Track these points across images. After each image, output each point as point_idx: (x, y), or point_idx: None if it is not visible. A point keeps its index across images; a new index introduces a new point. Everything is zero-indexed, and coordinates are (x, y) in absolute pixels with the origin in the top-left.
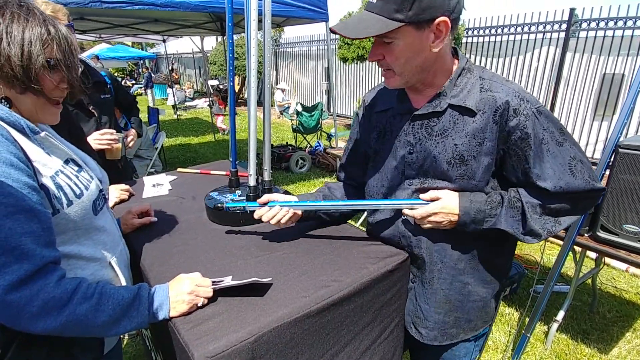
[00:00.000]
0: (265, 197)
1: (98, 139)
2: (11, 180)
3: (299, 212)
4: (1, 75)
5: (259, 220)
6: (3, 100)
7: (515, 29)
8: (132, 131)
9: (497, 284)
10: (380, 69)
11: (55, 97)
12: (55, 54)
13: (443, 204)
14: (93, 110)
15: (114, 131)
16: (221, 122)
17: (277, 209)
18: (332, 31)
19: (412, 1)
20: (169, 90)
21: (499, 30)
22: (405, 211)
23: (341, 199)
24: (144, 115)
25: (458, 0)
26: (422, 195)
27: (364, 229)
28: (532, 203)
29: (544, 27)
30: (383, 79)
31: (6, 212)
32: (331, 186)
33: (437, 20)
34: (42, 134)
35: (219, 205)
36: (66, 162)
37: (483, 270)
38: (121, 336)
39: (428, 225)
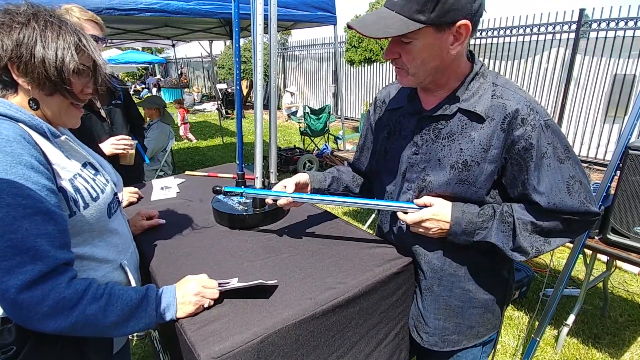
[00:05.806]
0: (281, 185)
1: (115, 143)
2: (31, 183)
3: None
4: (33, 78)
5: (265, 224)
6: (31, 102)
7: (525, 30)
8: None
9: (500, 291)
10: (389, 69)
11: (81, 100)
12: (87, 60)
13: (435, 211)
14: (105, 115)
15: (130, 137)
16: (184, 131)
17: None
18: (349, 27)
19: (435, 3)
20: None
21: (508, 32)
22: (399, 214)
23: (349, 182)
24: None
25: (480, 3)
26: (416, 200)
27: (371, 231)
28: (523, 220)
29: (554, 28)
30: (391, 80)
31: (24, 213)
32: (341, 169)
33: (459, 23)
34: (63, 137)
35: (218, 188)
36: (84, 165)
37: (484, 276)
38: (130, 337)
39: (421, 230)
